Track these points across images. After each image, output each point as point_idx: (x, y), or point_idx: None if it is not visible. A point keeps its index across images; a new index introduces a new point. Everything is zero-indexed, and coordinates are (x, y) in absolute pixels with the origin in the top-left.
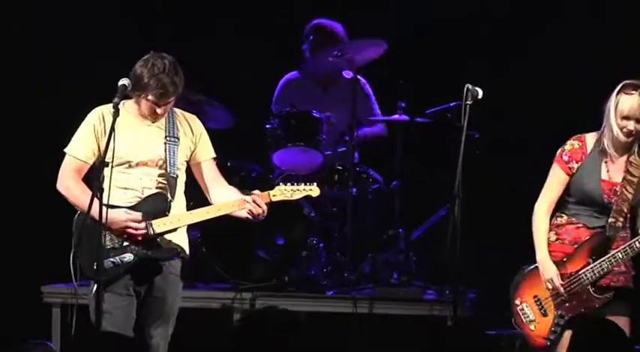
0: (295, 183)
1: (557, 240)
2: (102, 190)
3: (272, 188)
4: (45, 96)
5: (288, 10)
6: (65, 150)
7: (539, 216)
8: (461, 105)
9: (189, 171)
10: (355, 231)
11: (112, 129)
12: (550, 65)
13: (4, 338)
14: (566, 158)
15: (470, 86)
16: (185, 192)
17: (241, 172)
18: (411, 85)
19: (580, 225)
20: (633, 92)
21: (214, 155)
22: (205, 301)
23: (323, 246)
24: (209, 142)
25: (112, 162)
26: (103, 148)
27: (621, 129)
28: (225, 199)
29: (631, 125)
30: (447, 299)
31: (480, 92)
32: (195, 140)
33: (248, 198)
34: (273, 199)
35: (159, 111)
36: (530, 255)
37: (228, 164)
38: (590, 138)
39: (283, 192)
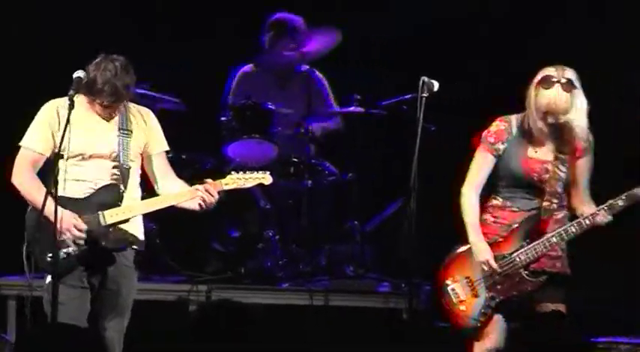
0: (247, 171)
1: (494, 222)
2: (57, 182)
3: (224, 177)
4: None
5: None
6: (20, 143)
7: (468, 199)
8: (416, 97)
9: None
10: (310, 223)
11: (68, 121)
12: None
13: None
14: (491, 139)
15: (426, 78)
16: (141, 184)
17: (195, 164)
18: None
19: (515, 209)
20: (551, 86)
21: (167, 148)
22: (160, 293)
23: (278, 238)
24: (162, 136)
25: (67, 154)
26: (57, 141)
27: (541, 120)
28: (175, 191)
29: (551, 119)
30: (402, 292)
31: (436, 84)
32: (147, 133)
33: (200, 186)
34: (226, 187)
35: (113, 113)
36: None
37: (183, 157)
38: (515, 119)
39: (235, 180)
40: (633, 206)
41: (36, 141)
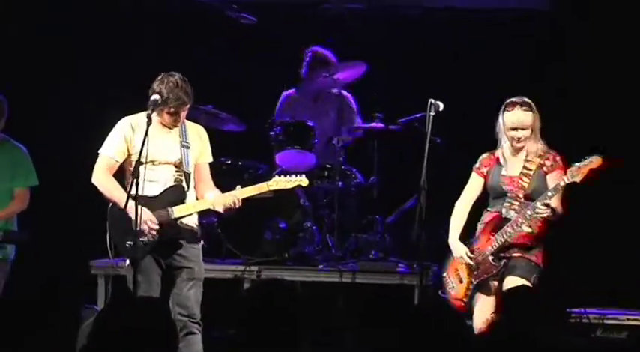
0: (288, 175)
1: (479, 223)
2: (138, 183)
3: (270, 180)
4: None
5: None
6: (99, 150)
7: (455, 209)
8: (426, 115)
9: None
10: (342, 217)
11: (146, 135)
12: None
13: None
14: (478, 165)
15: (433, 100)
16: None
17: (250, 169)
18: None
19: (493, 212)
20: (513, 108)
21: (211, 159)
22: (221, 273)
23: (316, 229)
24: (209, 148)
25: (146, 160)
26: (131, 150)
27: (512, 138)
28: (212, 195)
29: (519, 133)
30: (415, 272)
31: (442, 105)
32: (201, 145)
33: (230, 197)
34: (271, 188)
35: (178, 119)
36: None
37: (240, 163)
38: (497, 151)
39: (279, 182)
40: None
41: (112, 149)
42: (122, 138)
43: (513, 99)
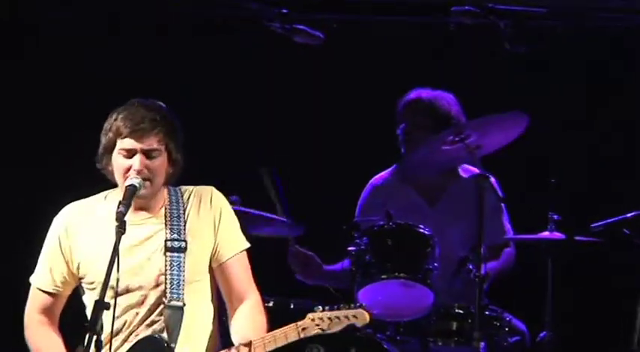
0: (335, 308)
1: None
2: (100, 344)
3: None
4: None
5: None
6: (30, 278)
7: None
8: None
9: None
10: None
11: (116, 250)
12: None
13: None
14: None
15: None
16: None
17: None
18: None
19: None
20: None
21: (246, 246)
22: None
23: None
24: (236, 228)
25: (117, 289)
26: (73, 271)
27: None
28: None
29: None
30: None
31: None
32: (215, 230)
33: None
34: (303, 335)
35: (134, 162)
36: None
37: (292, 306)
38: None
39: (316, 320)
40: None
41: (44, 276)
42: (57, 252)
43: None
